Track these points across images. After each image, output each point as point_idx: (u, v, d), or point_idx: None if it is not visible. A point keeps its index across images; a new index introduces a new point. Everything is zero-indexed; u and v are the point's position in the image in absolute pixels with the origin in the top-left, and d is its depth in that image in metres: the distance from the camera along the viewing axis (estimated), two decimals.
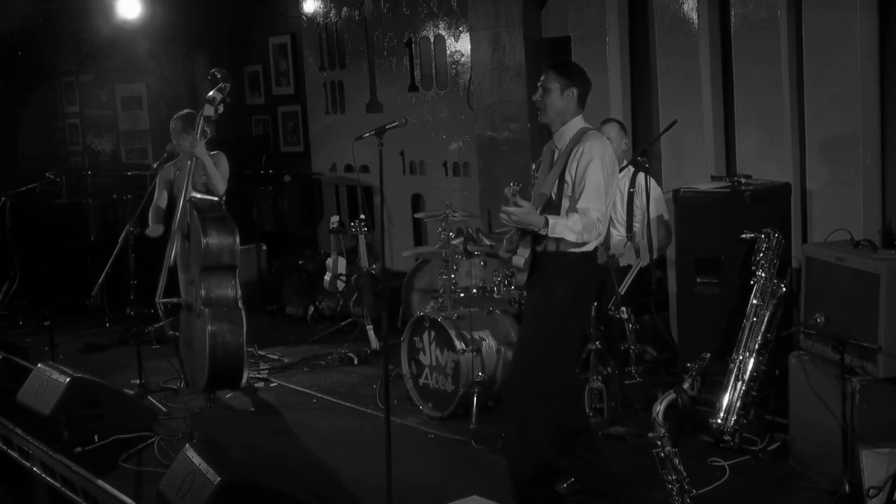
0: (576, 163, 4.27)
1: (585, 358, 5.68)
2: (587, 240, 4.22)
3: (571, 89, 4.36)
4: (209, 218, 6.09)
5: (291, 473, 5.12)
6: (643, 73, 6.94)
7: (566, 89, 4.36)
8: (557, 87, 4.35)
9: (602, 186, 4.23)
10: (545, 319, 4.33)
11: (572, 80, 4.37)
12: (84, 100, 11.30)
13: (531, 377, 4.32)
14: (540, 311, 4.37)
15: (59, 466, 5.20)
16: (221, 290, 6.11)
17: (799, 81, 5.87)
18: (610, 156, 4.33)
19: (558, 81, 4.36)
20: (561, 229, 4.17)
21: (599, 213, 4.21)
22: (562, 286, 4.29)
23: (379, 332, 7.31)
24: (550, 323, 4.31)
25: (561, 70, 4.40)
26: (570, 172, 4.28)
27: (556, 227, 4.17)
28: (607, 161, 4.28)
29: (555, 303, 4.30)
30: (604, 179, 4.24)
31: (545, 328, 4.32)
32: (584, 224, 4.18)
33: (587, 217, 4.19)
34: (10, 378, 6.24)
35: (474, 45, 7.77)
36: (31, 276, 8.93)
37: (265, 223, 9.39)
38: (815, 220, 5.80)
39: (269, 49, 10.23)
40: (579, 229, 4.17)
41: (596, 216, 4.20)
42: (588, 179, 4.22)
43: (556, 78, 4.36)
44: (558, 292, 4.29)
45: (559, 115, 4.39)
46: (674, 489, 3.78)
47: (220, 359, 6.03)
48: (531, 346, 4.37)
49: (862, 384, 4.32)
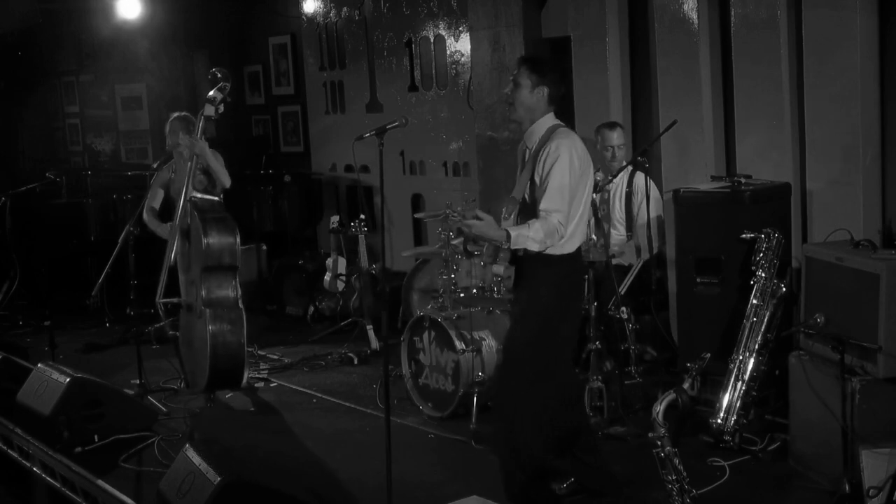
0: (542, 162, 4.22)
1: (585, 358, 5.69)
2: (549, 244, 4.16)
3: (542, 87, 4.32)
4: (210, 218, 6.09)
5: (291, 473, 5.12)
6: (643, 73, 6.94)
7: (536, 87, 4.32)
8: (529, 83, 4.32)
9: (566, 186, 4.17)
10: (530, 321, 4.31)
11: (544, 78, 4.32)
12: (84, 100, 11.30)
13: (518, 379, 4.32)
14: (525, 314, 4.35)
15: (59, 466, 5.19)
16: (222, 290, 6.11)
17: (799, 81, 5.87)
18: (580, 155, 4.26)
19: (530, 78, 4.31)
20: (522, 240, 4.12)
21: (561, 214, 4.14)
22: (545, 288, 4.26)
23: (379, 332, 7.31)
24: (535, 324, 4.29)
25: (533, 67, 4.34)
26: (539, 172, 4.23)
27: (518, 240, 4.12)
28: (575, 160, 4.22)
29: (539, 304, 4.28)
30: (569, 179, 4.18)
31: (530, 329, 4.30)
32: (546, 230, 4.12)
33: (548, 222, 4.12)
34: (10, 378, 6.23)
35: (474, 45, 7.76)
36: (31, 276, 8.93)
37: (265, 223, 9.38)
38: (815, 220, 5.80)
39: (269, 49, 10.23)
40: (541, 237, 4.12)
41: (557, 219, 4.13)
42: (552, 179, 4.16)
43: (529, 74, 4.32)
44: (541, 294, 4.26)
45: (528, 112, 4.35)
46: (674, 489, 3.78)
47: (222, 358, 6.03)
48: (517, 348, 4.36)
49: (862, 384, 4.32)
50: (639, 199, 6.09)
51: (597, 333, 5.56)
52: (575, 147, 4.26)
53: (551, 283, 4.27)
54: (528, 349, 4.30)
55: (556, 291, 4.28)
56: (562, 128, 4.35)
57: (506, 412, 4.42)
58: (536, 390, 4.30)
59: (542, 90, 4.32)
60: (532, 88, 4.32)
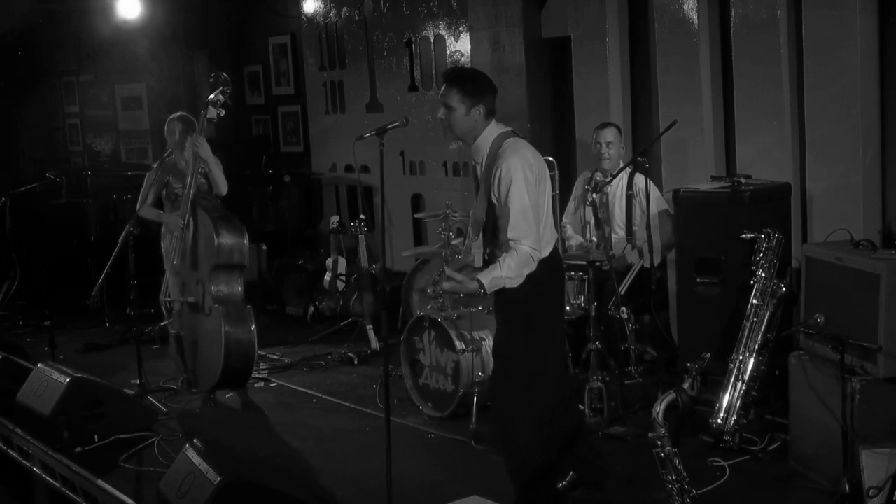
0: (496, 185, 4.10)
1: (585, 358, 5.69)
2: (527, 273, 4.09)
3: (478, 107, 4.14)
4: (219, 217, 6.16)
5: (291, 473, 5.12)
6: (643, 73, 6.94)
7: (472, 108, 4.14)
8: (463, 106, 4.13)
9: (528, 206, 4.06)
10: (515, 325, 4.28)
11: (478, 97, 4.13)
12: (84, 100, 11.30)
13: (511, 382, 4.31)
14: (509, 319, 4.32)
15: (59, 466, 5.19)
16: (230, 288, 6.20)
17: (799, 81, 5.87)
18: (532, 166, 4.12)
19: (463, 102, 4.12)
20: (498, 282, 4.07)
21: (529, 238, 4.05)
22: (526, 292, 4.18)
23: (379, 332, 7.32)
24: (521, 327, 4.26)
25: (465, 89, 4.13)
26: (495, 193, 4.12)
27: (493, 283, 4.07)
28: (529, 175, 4.09)
29: (522, 308, 4.23)
30: (528, 199, 4.06)
31: (517, 334, 4.28)
32: (518, 262, 4.05)
33: (518, 253, 4.05)
34: (10, 378, 6.23)
35: (474, 45, 7.77)
36: (31, 276, 8.93)
37: (265, 223, 9.39)
38: (815, 220, 5.80)
39: (269, 49, 10.23)
40: (515, 273, 4.06)
41: (528, 246, 4.05)
42: (511, 203, 4.05)
43: (462, 98, 4.12)
44: (523, 298, 4.20)
45: (469, 131, 4.20)
46: (674, 489, 3.78)
47: (234, 357, 6.10)
48: (506, 352, 4.34)
49: (862, 384, 4.32)
50: (640, 201, 6.08)
51: (597, 333, 5.56)
52: (525, 162, 4.11)
53: (530, 287, 4.20)
54: (517, 351, 4.28)
55: (536, 293, 4.22)
56: (509, 138, 4.18)
57: (503, 415, 4.42)
58: (531, 391, 4.29)
59: (478, 109, 4.15)
60: (468, 111, 4.14)
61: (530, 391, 4.29)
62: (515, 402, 4.31)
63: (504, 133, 4.23)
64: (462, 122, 4.18)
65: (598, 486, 4.65)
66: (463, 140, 4.29)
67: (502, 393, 4.39)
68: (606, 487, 4.73)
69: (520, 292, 4.19)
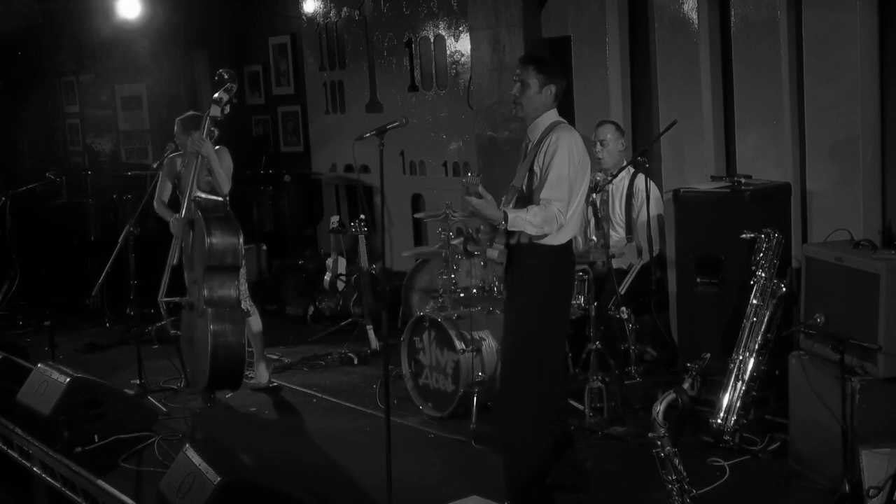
0: (543, 153, 4.27)
1: (585, 358, 5.69)
2: (548, 232, 4.21)
3: (550, 86, 4.37)
4: (213, 218, 6.10)
5: (291, 473, 5.12)
6: (643, 72, 6.94)
7: (545, 86, 4.36)
8: (536, 83, 4.35)
9: (566, 177, 4.23)
10: (525, 312, 4.33)
11: (552, 77, 4.37)
12: (84, 100, 11.30)
13: (520, 372, 4.34)
14: (519, 305, 4.37)
15: (59, 466, 5.20)
16: (224, 290, 6.11)
17: (799, 81, 5.87)
18: (579, 150, 4.32)
19: (537, 78, 4.35)
20: (520, 223, 4.17)
21: (560, 203, 4.20)
22: (538, 278, 4.29)
23: (379, 332, 7.32)
24: (531, 315, 4.31)
25: (541, 67, 4.37)
26: (539, 163, 4.29)
27: (516, 221, 4.16)
28: (575, 153, 4.28)
29: (533, 294, 4.30)
30: (569, 170, 4.24)
31: (527, 320, 4.32)
32: (544, 216, 4.17)
33: (547, 209, 4.18)
34: (10, 378, 6.24)
35: (474, 45, 7.76)
36: (31, 276, 8.93)
37: (265, 223, 9.39)
38: (815, 220, 5.80)
39: (269, 49, 10.23)
40: (539, 222, 4.17)
41: (556, 207, 4.18)
42: (552, 170, 4.22)
43: (536, 74, 4.35)
44: (535, 284, 4.29)
45: (535, 110, 4.39)
46: (674, 489, 3.78)
47: (222, 359, 6.03)
48: (516, 340, 4.37)
49: (862, 384, 4.32)
50: (639, 201, 6.09)
51: (597, 333, 5.56)
52: (575, 141, 4.32)
53: (543, 273, 4.30)
54: (527, 341, 4.32)
55: (548, 281, 4.30)
56: (563, 123, 4.41)
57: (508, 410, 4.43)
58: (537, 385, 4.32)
59: (549, 88, 4.36)
60: (540, 88, 4.36)
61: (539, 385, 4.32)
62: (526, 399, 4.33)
63: (561, 121, 4.43)
64: (534, 99, 4.37)
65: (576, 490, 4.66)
66: (526, 118, 4.43)
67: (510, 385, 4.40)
68: (607, 487, 4.73)
69: (534, 276, 4.26)
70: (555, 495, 4.48)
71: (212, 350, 5.98)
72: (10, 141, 11.43)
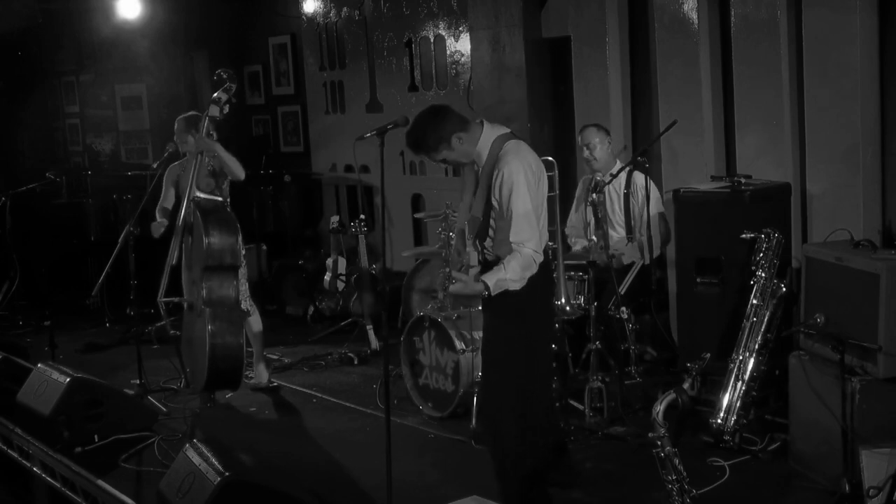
0: (498, 189, 4.18)
1: (585, 358, 5.69)
2: (528, 276, 4.16)
3: (457, 135, 4.24)
4: (212, 219, 6.09)
5: (291, 473, 5.12)
6: (643, 72, 6.94)
7: (452, 140, 4.25)
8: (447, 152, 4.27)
9: (530, 211, 4.15)
10: (508, 326, 4.29)
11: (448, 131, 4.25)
12: (84, 100, 11.30)
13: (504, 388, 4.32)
14: (499, 321, 4.33)
15: (59, 466, 5.20)
16: (223, 290, 6.11)
17: (799, 82, 5.87)
18: (532, 169, 4.21)
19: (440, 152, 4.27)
20: (502, 284, 4.14)
21: (532, 242, 4.15)
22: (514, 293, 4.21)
23: (379, 332, 7.32)
24: (513, 327, 4.28)
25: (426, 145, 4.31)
26: (496, 197, 4.21)
27: (498, 286, 4.14)
28: (530, 177, 4.18)
29: (511, 310, 4.26)
30: (531, 201, 4.16)
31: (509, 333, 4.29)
32: (522, 264, 4.14)
33: (522, 255, 4.13)
34: (10, 378, 6.24)
35: (474, 45, 7.76)
36: (31, 276, 8.93)
37: (265, 223, 9.39)
38: (815, 220, 5.80)
39: (269, 49, 10.23)
40: (518, 276, 4.14)
41: (530, 248, 4.14)
42: (514, 208, 4.14)
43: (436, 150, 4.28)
44: (511, 300, 4.22)
45: (466, 154, 4.30)
46: (674, 489, 3.78)
47: (220, 359, 6.02)
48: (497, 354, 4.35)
49: (862, 384, 4.32)
50: (638, 200, 6.08)
51: (597, 333, 5.56)
52: (527, 165, 4.20)
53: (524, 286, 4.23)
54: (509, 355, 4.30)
55: (529, 293, 4.25)
56: (509, 141, 4.25)
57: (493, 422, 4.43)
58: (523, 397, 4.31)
59: (457, 138, 4.24)
60: (451, 146, 4.26)
61: (522, 396, 4.31)
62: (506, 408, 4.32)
63: (503, 135, 4.29)
64: (461, 155, 4.30)
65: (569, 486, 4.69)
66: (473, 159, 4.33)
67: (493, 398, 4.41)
68: (607, 487, 4.73)
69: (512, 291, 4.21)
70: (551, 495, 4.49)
71: (210, 350, 5.98)
72: (10, 141, 11.43)
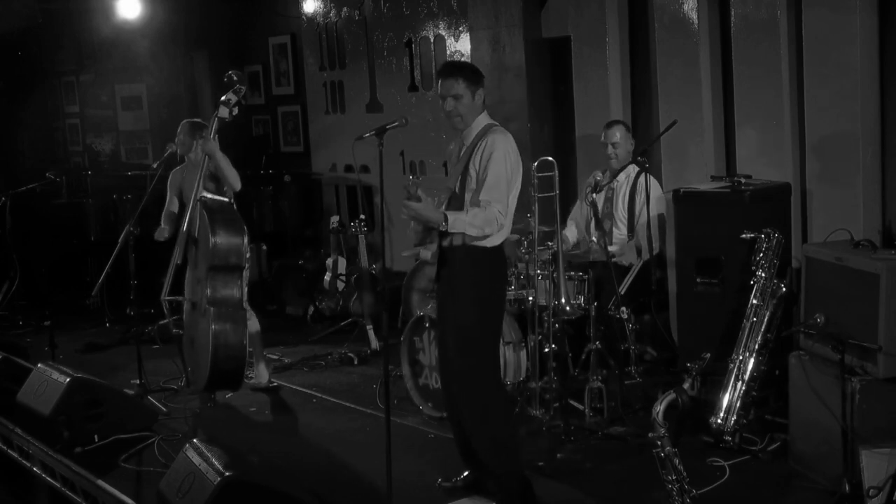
0: (479, 156, 4.33)
1: (585, 358, 5.69)
2: (488, 233, 4.27)
3: (479, 91, 4.43)
4: (218, 218, 6.10)
5: (291, 473, 5.11)
6: (643, 72, 6.94)
7: (476, 93, 4.41)
8: (469, 91, 4.39)
9: (504, 179, 4.29)
10: (465, 309, 4.35)
11: (478, 83, 4.42)
12: (84, 100, 11.31)
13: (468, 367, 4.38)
14: (458, 303, 4.38)
15: (59, 466, 5.20)
16: (227, 289, 6.11)
17: (799, 81, 5.87)
18: (514, 151, 4.38)
19: (469, 89, 4.39)
20: (461, 225, 4.23)
21: (500, 205, 4.26)
22: (473, 278, 4.33)
23: (379, 332, 7.32)
24: (472, 311, 4.34)
25: (468, 76, 4.42)
26: (475, 165, 4.35)
27: (456, 223, 4.22)
28: (511, 155, 4.34)
29: (471, 293, 4.34)
30: (506, 173, 4.30)
31: (468, 317, 4.35)
32: (485, 217, 4.23)
33: (487, 211, 4.23)
34: (10, 378, 6.24)
35: (474, 45, 7.77)
36: (31, 276, 8.93)
37: (265, 223, 9.39)
38: (815, 220, 5.80)
39: (269, 49, 10.23)
40: (479, 223, 4.23)
41: (497, 209, 4.24)
42: (490, 172, 4.28)
43: (468, 86, 4.38)
44: (470, 283, 4.33)
45: (472, 116, 4.44)
46: (674, 489, 3.79)
47: (223, 359, 6.02)
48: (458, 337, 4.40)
49: (862, 384, 4.32)
50: (641, 200, 6.09)
51: (597, 333, 5.56)
52: (510, 144, 4.37)
53: (478, 273, 4.35)
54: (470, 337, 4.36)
55: (483, 281, 4.35)
56: (496, 126, 4.46)
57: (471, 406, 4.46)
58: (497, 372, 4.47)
59: (480, 94, 4.43)
60: (473, 96, 4.41)
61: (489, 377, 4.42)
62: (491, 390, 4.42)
63: (494, 124, 4.50)
64: (472, 108, 4.43)
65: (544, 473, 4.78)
66: (461, 126, 4.47)
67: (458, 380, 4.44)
68: (607, 487, 4.73)
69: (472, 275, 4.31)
70: None
71: (213, 350, 5.98)
72: (10, 141, 11.43)
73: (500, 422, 4.44)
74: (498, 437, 4.41)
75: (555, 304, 5.56)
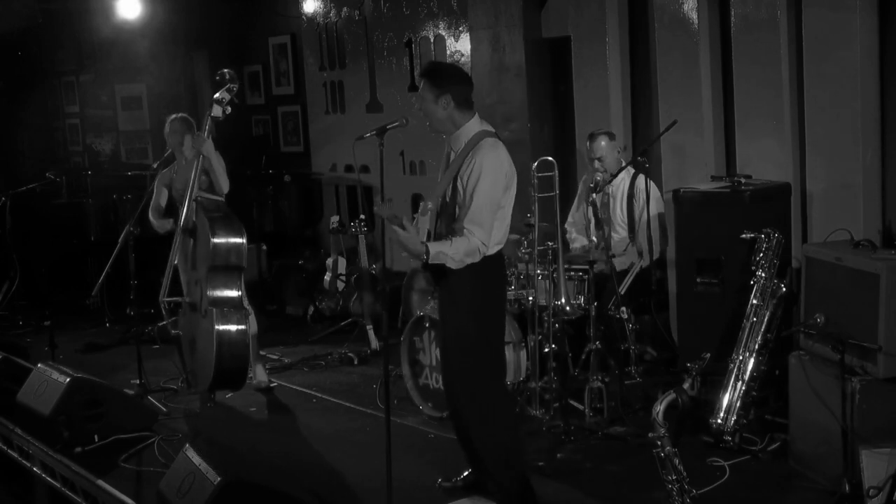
0: (467, 174, 4.23)
1: (585, 358, 5.69)
2: (469, 262, 4.19)
3: (444, 96, 4.27)
4: (217, 217, 6.09)
5: (291, 473, 5.12)
6: (643, 72, 6.94)
7: (439, 98, 4.28)
8: (431, 96, 4.29)
9: (488, 204, 4.19)
10: (465, 315, 4.32)
11: (443, 87, 4.28)
12: (84, 100, 11.30)
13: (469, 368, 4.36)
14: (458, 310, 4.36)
15: (59, 466, 5.20)
16: (228, 290, 6.09)
17: (799, 81, 5.87)
18: (506, 163, 4.26)
19: (431, 91, 4.28)
20: (441, 257, 4.17)
21: (483, 234, 4.17)
22: (473, 286, 4.27)
23: (379, 332, 7.32)
24: (472, 318, 4.32)
25: (432, 78, 4.32)
26: (462, 181, 4.25)
27: (437, 256, 4.17)
28: (500, 177, 4.22)
29: (471, 300, 4.30)
30: (493, 193, 4.20)
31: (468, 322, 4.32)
32: (466, 249, 4.16)
33: (469, 241, 4.16)
34: (10, 378, 6.24)
35: (474, 45, 7.77)
36: (31, 276, 8.93)
37: (265, 223, 9.39)
38: (815, 220, 5.80)
39: (269, 49, 10.23)
40: (460, 257, 4.17)
41: (479, 239, 4.17)
42: (476, 197, 4.18)
43: (430, 87, 4.29)
44: (470, 291, 4.28)
45: (442, 122, 4.33)
46: (674, 489, 3.79)
47: (227, 359, 6.02)
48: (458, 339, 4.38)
49: (862, 384, 4.32)
50: (640, 202, 6.09)
51: (597, 333, 5.56)
52: (500, 162, 4.24)
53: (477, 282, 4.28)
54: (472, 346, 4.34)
55: (484, 287, 4.31)
56: (488, 138, 4.31)
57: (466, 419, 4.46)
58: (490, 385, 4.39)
59: (445, 98, 4.27)
60: (435, 100, 4.28)
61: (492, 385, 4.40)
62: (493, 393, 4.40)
63: (487, 132, 4.36)
64: (432, 112, 4.32)
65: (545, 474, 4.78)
66: (441, 131, 4.39)
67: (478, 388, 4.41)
68: (607, 487, 4.73)
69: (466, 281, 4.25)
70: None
71: (217, 350, 5.98)
72: (10, 141, 11.43)
73: (502, 423, 4.42)
74: (499, 437, 4.41)
75: (555, 304, 5.56)
